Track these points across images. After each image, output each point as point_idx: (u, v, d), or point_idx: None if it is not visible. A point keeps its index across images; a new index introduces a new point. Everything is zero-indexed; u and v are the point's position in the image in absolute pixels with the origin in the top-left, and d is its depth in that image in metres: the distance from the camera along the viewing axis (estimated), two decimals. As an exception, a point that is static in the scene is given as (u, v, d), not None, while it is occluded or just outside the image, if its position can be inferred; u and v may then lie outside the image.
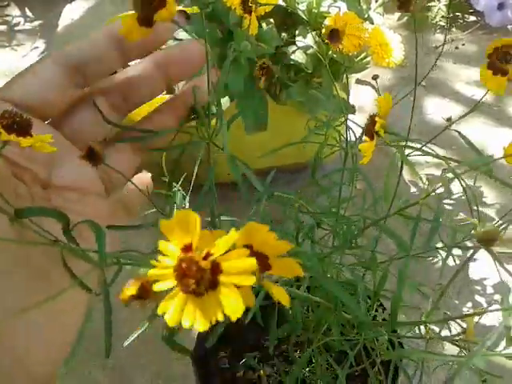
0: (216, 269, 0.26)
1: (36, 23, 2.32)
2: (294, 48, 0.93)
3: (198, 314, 0.25)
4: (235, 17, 0.85)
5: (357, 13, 0.94)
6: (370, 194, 0.71)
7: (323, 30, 0.87)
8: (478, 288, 1.21)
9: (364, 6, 0.91)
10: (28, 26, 2.31)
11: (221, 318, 0.24)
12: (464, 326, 0.56)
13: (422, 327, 0.58)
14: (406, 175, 1.47)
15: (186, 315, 0.25)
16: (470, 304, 1.19)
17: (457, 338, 0.47)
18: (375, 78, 0.56)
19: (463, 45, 1.91)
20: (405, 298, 0.87)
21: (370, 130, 0.40)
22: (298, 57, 0.92)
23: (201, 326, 0.25)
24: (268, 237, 0.29)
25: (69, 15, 1.70)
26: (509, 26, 2.00)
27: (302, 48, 0.91)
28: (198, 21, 0.93)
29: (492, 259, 0.45)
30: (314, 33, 0.90)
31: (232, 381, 0.71)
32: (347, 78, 0.66)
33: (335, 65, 0.94)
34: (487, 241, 0.36)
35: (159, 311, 0.26)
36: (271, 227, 0.28)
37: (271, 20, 0.90)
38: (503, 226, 0.82)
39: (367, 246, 0.55)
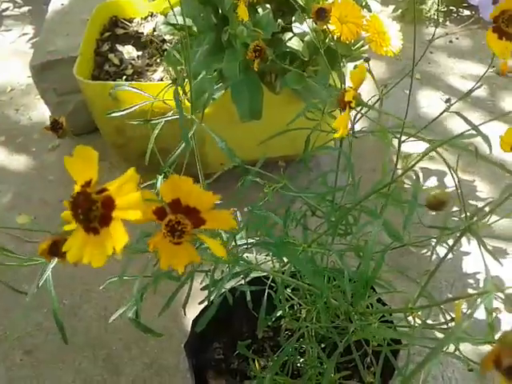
0: (109, 204, 0.27)
1: (25, 9, 2.27)
2: (291, 35, 0.91)
3: (95, 250, 0.27)
4: (230, 1, 0.83)
5: (354, 0, 0.93)
6: (365, 184, 0.70)
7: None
8: (471, 281, 1.21)
9: (362, -7, 0.89)
10: (17, 11, 2.27)
11: (110, 252, 0.26)
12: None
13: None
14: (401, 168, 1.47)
15: (85, 252, 0.27)
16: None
17: (444, 325, 0.46)
18: (367, 60, 0.55)
19: (457, 39, 1.90)
20: (398, 287, 0.87)
21: (341, 101, 0.39)
22: (294, 44, 0.91)
23: (96, 262, 0.27)
24: (192, 188, 0.30)
25: (58, 0, 1.67)
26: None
27: (299, 35, 0.89)
28: (192, 5, 0.91)
29: (480, 249, 0.45)
30: (310, 20, 0.89)
31: (226, 372, 0.69)
32: (344, 66, 0.65)
33: (332, 53, 0.93)
34: (437, 204, 0.35)
35: (64, 249, 0.27)
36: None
37: (267, 6, 0.89)
38: (496, 219, 0.81)
39: (358, 234, 0.54)
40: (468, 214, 0.44)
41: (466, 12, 2.01)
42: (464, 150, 0.50)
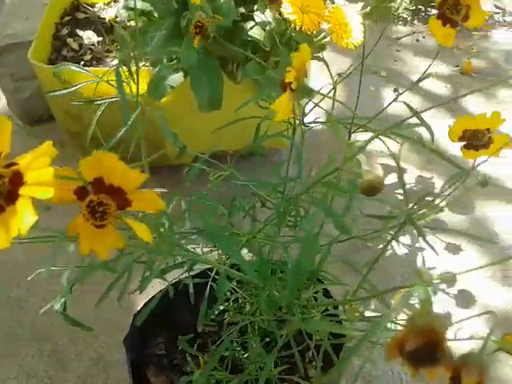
0: (18, 180, 0.24)
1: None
2: (252, 24, 0.89)
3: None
4: (190, -14, 0.81)
5: (317, -9, 0.92)
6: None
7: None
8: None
9: (324, -15, 0.88)
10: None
11: (16, 233, 0.24)
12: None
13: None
14: (365, 166, 1.48)
15: None
16: (416, 292, 1.20)
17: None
18: (322, 48, 0.54)
19: (424, 37, 1.92)
20: (348, 281, 0.86)
21: (282, 83, 0.38)
22: (256, 33, 0.89)
23: (0, 243, 0.24)
24: (117, 166, 0.28)
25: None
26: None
27: (260, 24, 0.88)
28: (151, -11, 0.88)
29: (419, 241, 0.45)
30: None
31: (168, 368, 0.67)
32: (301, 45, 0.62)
33: (294, 44, 0.92)
34: (370, 190, 0.34)
35: None
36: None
37: (228, -7, 0.87)
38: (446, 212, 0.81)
39: (304, 225, 0.53)
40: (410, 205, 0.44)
41: (434, 11, 2.03)
42: (407, 140, 0.49)
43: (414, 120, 0.51)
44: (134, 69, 0.58)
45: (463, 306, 1.19)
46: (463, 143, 0.49)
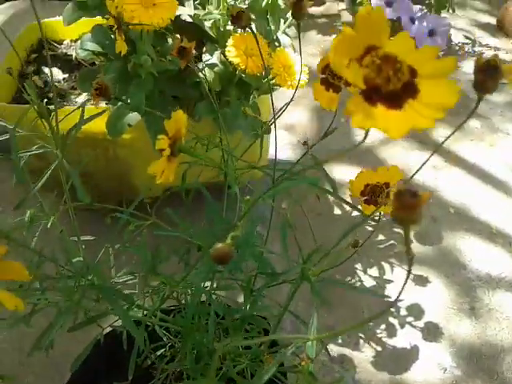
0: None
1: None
2: (202, 65, 0.91)
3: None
4: (137, 30, 0.82)
5: (265, 33, 0.94)
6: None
7: (228, 41, 0.85)
8: (392, 310, 1.22)
9: (273, 27, 0.90)
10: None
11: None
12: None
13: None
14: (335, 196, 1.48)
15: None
16: (383, 326, 1.20)
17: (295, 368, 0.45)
18: (272, 90, 0.55)
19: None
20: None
21: (160, 149, 0.38)
22: (206, 74, 0.91)
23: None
24: None
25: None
26: (440, 53, 2.07)
27: (209, 66, 0.89)
28: (101, 33, 0.90)
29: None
30: (220, 51, 0.89)
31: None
32: (255, 98, 0.64)
33: (244, 85, 0.93)
34: (218, 259, 0.35)
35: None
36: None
37: (178, 36, 0.88)
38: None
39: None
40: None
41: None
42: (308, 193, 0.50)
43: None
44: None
45: (430, 338, 1.18)
46: (364, 198, 0.49)
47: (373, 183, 0.48)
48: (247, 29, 0.53)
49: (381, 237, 1.37)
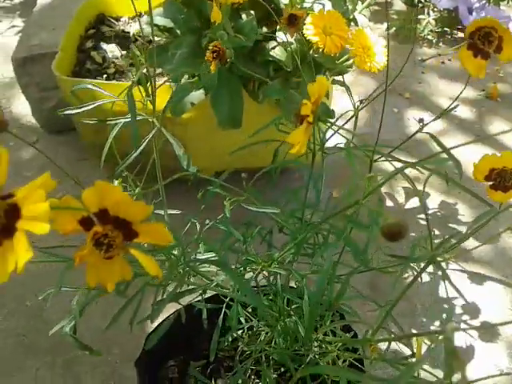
0: (14, 213, 0.23)
1: (16, 1, 2.23)
2: (274, 44, 0.88)
3: None
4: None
5: (341, 13, 0.90)
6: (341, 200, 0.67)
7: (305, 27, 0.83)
8: (447, 307, 1.18)
9: (350, 7, 0.87)
10: (8, 3, 2.23)
11: (13, 268, 0.23)
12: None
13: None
14: (384, 188, 1.44)
15: None
16: (437, 323, 1.16)
17: (404, 360, 0.42)
18: (344, 72, 0.52)
19: (449, 60, 1.90)
20: (368, 314, 0.83)
21: (298, 115, 0.36)
22: (278, 53, 0.88)
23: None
24: (121, 199, 0.27)
25: (48, -6, 1.64)
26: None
27: (282, 44, 0.86)
28: (174, 7, 0.88)
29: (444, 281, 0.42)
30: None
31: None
32: (328, 79, 0.61)
33: (316, 65, 0.90)
34: (391, 235, 0.32)
35: None
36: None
37: (252, 12, 0.86)
38: (477, 246, 0.78)
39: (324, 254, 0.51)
40: (436, 241, 0.41)
41: (460, 34, 2.01)
42: (435, 174, 0.47)
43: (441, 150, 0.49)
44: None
45: (486, 338, 1.14)
46: (490, 183, 0.46)
47: (499, 168, 0.45)
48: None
49: (436, 232, 1.33)
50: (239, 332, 0.60)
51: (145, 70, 0.50)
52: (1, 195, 0.24)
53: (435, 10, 1.96)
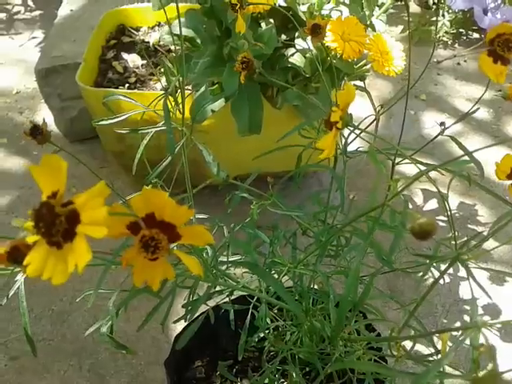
0: (74, 218, 0.25)
1: (36, 13, 2.29)
2: (293, 51, 0.90)
3: (56, 266, 0.25)
4: (233, 14, 0.83)
5: (359, 18, 0.92)
6: (362, 203, 0.68)
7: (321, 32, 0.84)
8: (468, 308, 1.18)
9: (367, 12, 0.89)
10: (28, 15, 2.29)
11: (72, 269, 0.25)
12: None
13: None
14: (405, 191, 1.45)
15: (46, 267, 0.25)
16: (458, 323, 1.16)
17: (429, 357, 0.44)
18: (363, 79, 0.54)
19: (465, 61, 1.90)
20: (391, 311, 0.84)
21: (328, 122, 0.37)
22: (296, 60, 0.90)
23: (58, 278, 0.25)
24: (166, 203, 0.29)
25: (68, 6, 1.68)
26: (512, 46, 1.99)
27: (301, 51, 0.88)
28: (196, 17, 0.91)
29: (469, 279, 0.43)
30: (314, 36, 0.88)
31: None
32: (346, 84, 0.62)
33: (334, 71, 0.92)
34: (422, 234, 0.33)
35: (25, 262, 0.26)
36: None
37: (271, 20, 0.88)
38: (495, 246, 0.79)
39: (348, 256, 0.52)
40: (458, 242, 0.43)
41: (475, 35, 2.01)
42: (458, 176, 0.49)
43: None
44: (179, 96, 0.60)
45: (508, 339, 1.14)
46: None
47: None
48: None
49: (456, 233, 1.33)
50: (265, 332, 0.62)
51: (177, 81, 0.52)
52: (62, 202, 0.26)
53: (450, 11, 1.96)
